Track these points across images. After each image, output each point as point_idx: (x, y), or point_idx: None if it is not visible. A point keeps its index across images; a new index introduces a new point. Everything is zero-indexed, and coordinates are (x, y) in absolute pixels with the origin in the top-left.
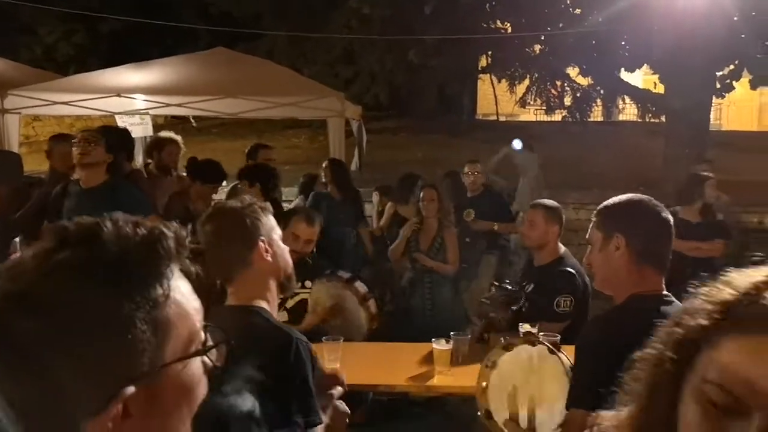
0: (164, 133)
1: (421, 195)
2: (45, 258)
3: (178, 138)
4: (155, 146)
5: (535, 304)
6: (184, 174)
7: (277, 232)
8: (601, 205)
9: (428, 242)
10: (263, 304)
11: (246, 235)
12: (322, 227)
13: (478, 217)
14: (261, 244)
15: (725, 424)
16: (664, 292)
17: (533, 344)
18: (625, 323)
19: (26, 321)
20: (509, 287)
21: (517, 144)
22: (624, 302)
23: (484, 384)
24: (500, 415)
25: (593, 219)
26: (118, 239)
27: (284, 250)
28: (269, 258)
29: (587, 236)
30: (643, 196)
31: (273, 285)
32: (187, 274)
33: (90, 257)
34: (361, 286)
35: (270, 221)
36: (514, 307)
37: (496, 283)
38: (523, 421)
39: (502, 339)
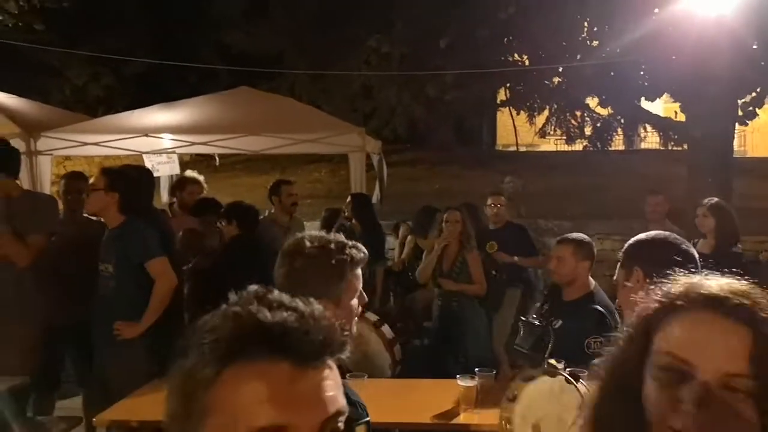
0: (189, 173)
1: (445, 217)
2: None
3: (201, 178)
4: (178, 186)
5: (563, 343)
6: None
7: (353, 288)
8: (625, 245)
9: (450, 263)
10: None
11: (303, 288)
12: None
13: (500, 250)
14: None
15: (676, 389)
16: None
17: (553, 375)
18: None
19: None
20: (536, 323)
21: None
22: None
23: (506, 417)
24: None
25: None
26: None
27: (350, 309)
28: None
29: (614, 278)
30: (666, 233)
31: None
32: None
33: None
34: (388, 331)
35: (350, 277)
36: (546, 354)
37: (523, 318)
38: None
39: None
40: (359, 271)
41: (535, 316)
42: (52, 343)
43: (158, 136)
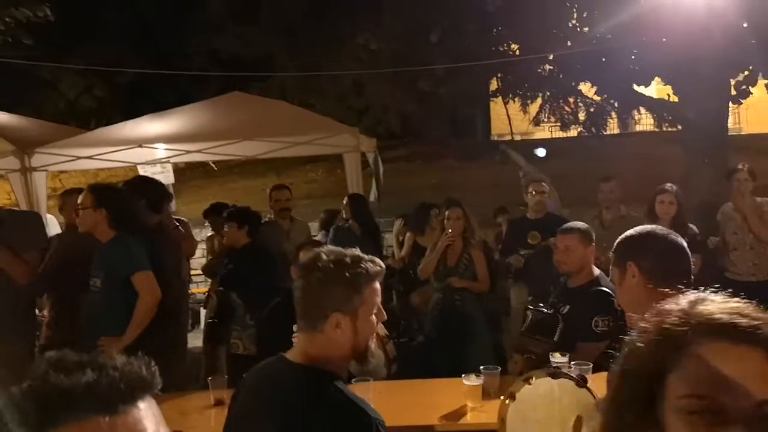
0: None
1: (447, 213)
2: None
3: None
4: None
5: (571, 325)
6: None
7: (370, 302)
8: (614, 245)
9: (455, 260)
10: (332, 370)
11: (320, 302)
12: None
13: (542, 241)
14: (333, 318)
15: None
16: None
17: (556, 377)
18: None
19: None
20: (545, 310)
21: (540, 152)
22: None
23: (504, 416)
24: None
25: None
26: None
27: (368, 324)
28: (340, 331)
29: (609, 278)
30: (651, 226)
31: (345, 355)
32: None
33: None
34: (381, 329)
35: (367, 291)
36: (556, 337)
37: (531, 306)
38: None
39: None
40: (377, 285)
41: (542, 303)
42: None
43: (152, 146)
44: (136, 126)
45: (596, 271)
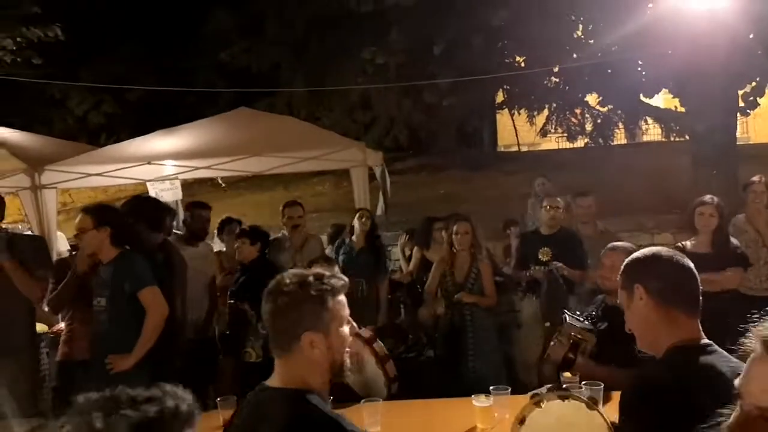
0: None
1: (455, 228)
2: None
3: None
4: None
5: (610, 345)
6: None
7: (339, 316)
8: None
9: (464, 275)
10: (312, 389)
11: (291, 325)
12: None
13: (555, 258)
14: (306, 337)
15: None
16: (704, 341)
17: (565, 398)
18: (667, 379)
19: None
20: (581, 320)
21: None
22: (664, 356)
23: None
24: None
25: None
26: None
27: (340, 338)
28: (317, 350)
29: (618, 301)
30: (657, 248)
31: (323, 372)
32: None
33: None
34: (380, 348)
35: (334, 306)
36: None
37: (569, 313)
38: None
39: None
40: (343, 298)
41: (578, 313)
42: (74, 381)
43: (161, 163)
44: (144, 143)
45: None
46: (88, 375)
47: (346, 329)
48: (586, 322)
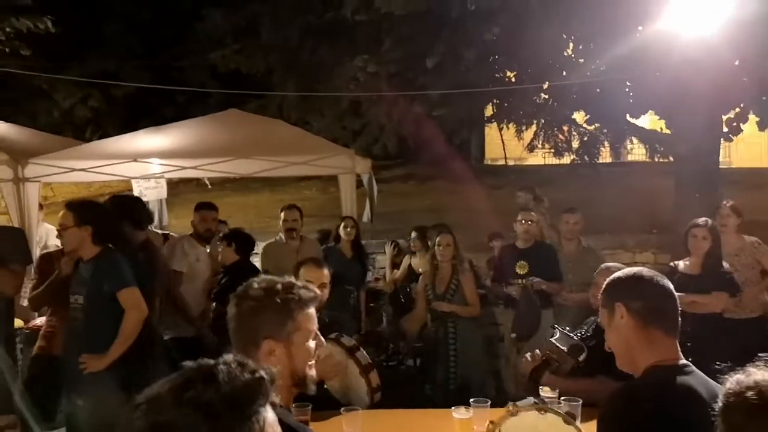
0: None
1: (437, 240)
2: (177, 394)
3: None
4: None
5: (595, 358)
6: None
7: (305, 329)
8: (603, 287)
9: (444, 286)
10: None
11: (252, 330)
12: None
13: (531, 271)
14: (265, 345)
15: None
16: (682, 361)
17: (543, 411)
18: (646, 399)
19: None
20: (571, 335)
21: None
22: (642, 375)
23: None
24: None
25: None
26: (230, 381)
27: (304, 351)
28: (274, 358)
29: (599, 320)
30: (637, 268)
31: (285, 382)
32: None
33: (210, 397)
34: (363, 357)
35: (300, 317)
36: (581, 358)
37: (559, 328)
38: None
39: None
40: (311, 311)
41: (568, 328)
42: (48, 376)
43: (147, 161)
44: (131, 140)
45: None
46: (61, 372)
47: (311, 343)
48: (575, 338)
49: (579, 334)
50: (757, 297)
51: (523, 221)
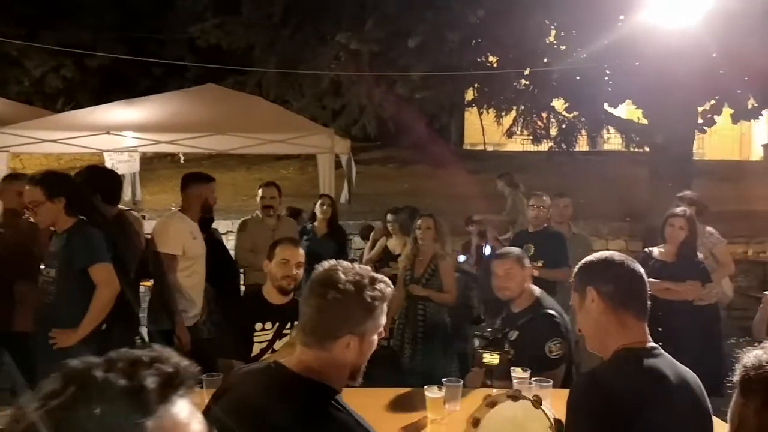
0: None
1: (418, 223)
2: (45, 402)
3: None
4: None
5: (524, 353)
6: None
7: (378, 324)
8: (575, 271)
9: (422, 270)
10: (332, 385)
11: (336, 323)
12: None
13: (535, 253)
14: (344, 339)
15: None
16: (650, 344)
17: (516, 399)
18: (614, 381)
19: None
20: (490, 337)
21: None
22: (611, 357)
23: None
24: None
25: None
26: (104, 391)
27: (371, 345)
28: (348, 352)
29: (570, 303)
30: (609, 252)
31: (346, 373)
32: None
33: (78, 407)
34: None
35: (378, 314)
36: (506, 348)
37: (477, 333)
38: None
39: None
40: (386, 307)
41: (489, 329)
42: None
43: (121, 134)
44: (105, 112)
45: (536, 290)
46: (31, 348)
47: (376, 337)
48: (496, 335)
49: (497, 330)
50: (713, 286)
51: (534, 206)
